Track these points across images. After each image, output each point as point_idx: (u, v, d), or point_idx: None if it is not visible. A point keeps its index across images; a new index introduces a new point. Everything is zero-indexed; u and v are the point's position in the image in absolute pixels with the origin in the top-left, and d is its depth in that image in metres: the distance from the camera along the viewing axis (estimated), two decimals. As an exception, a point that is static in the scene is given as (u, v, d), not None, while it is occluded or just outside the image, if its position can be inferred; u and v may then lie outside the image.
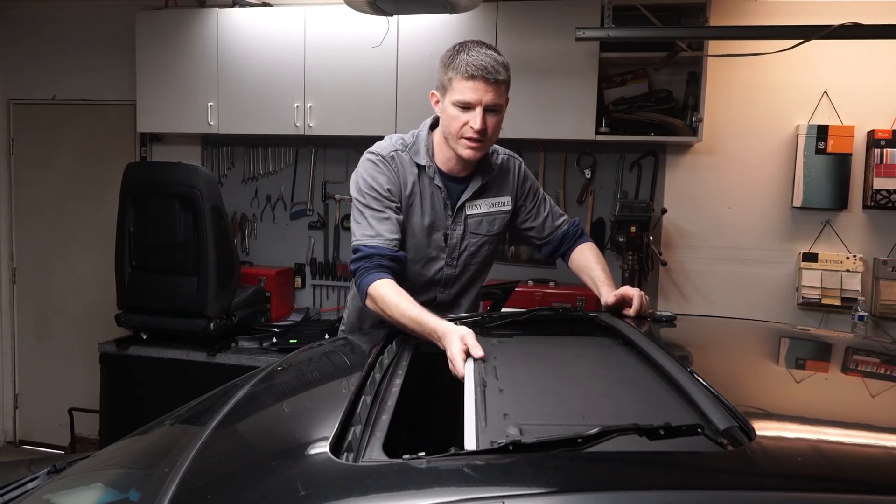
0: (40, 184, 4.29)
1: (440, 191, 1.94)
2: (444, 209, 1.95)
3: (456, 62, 1.78)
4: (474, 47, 1.79)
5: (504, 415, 1.08)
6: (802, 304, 3.41)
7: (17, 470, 1.63)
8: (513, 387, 1.25)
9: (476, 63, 1.75)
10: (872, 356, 1.72)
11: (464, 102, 1.78)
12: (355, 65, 3.47)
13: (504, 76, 1.79)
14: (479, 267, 2.07)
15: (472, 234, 2.00)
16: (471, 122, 1.78)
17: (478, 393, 1.19)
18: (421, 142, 1.94)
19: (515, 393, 1.22)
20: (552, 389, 1.29)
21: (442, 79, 1.83)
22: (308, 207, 3.96)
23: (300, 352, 1.83)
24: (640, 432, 0.93)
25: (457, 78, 1.77)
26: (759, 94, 3.42)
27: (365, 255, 1.83)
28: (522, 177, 2.08)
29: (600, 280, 1.95)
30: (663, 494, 0.83)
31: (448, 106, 1.82)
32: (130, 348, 3.34)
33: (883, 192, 3.25)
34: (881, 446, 1.05)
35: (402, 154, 1.92)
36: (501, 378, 1.29)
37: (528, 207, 2.10)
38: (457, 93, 1.78)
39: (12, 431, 4.44)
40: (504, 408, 1.12)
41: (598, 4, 3.11)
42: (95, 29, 4.09)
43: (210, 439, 1.15)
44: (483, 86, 1.76)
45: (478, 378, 1.27)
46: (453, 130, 1.82)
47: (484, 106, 1.78)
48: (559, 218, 2.15)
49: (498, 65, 1.77)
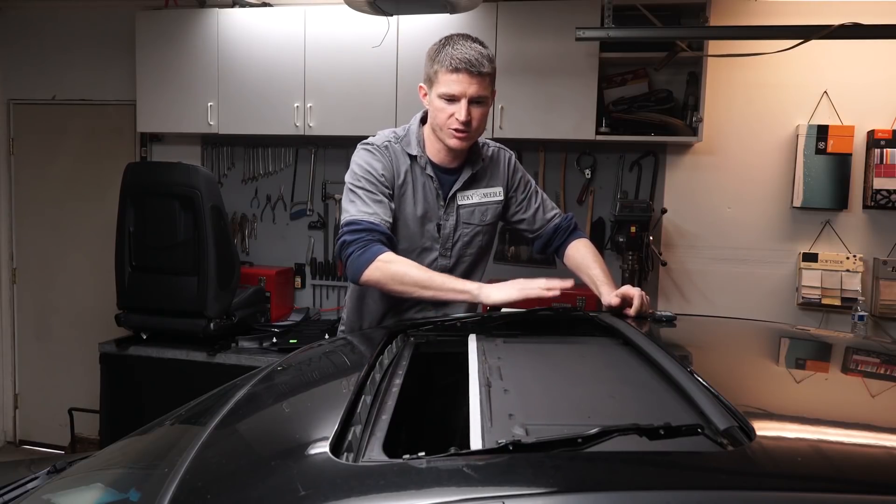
0: (40, 184, 4.30)
1: (432, 181, 1.97)
2: (436, 199, 1.98)
3: (441, 55, 1.82)
4: (459, 41, 1.83)
5: (510, 415, 1.08)
6: (802, 304, 3.41)
7: (17, 470, 1.63)
8: (517, 387, 1.25)
9: (460, 56, 1.79)
10: (872, 356, 1.72)
11: (449, 95, 1.83)
12: (355, 65, 3.47)
13: (488, 69, 1.83)
14: (474, 259, 2.08)
15: (464, 223, 2.02)
16: (456, 113, 1.83)
17: (483, 393, 1.19)
18: (412, 134, 1.98)
19: (520, 393, 1.22)
20: (557, 390, 1.29)
21: (428, 72, 1.87)
22: (308, 207, 3.97)
23: (300, 352, 1.83)
24: (640, 432, 0.93)
25: (442, 71, 1.82)
26: (759, 94, 3.42)
27: (364, 228, 1.84)
28: (513, 168, 2.10)
29: (600, 280, 1.96)
30: (663, 494, 0.83)
31: (434, 98, 1.86)
32: (130, 348, 3.34)
33: (883, 192, 3.25)
34: (881, 446, 1.05)
35: (395, 145, 1.96)
36: (506, 378, 1.29)
37: (518, 199, 2.11)
38: (442, 85, 1.83)
39: (12, 431, 4.44)
40: (509, 408, 1.12)
41: (598, 4, 3.11)
42: (95, 29, 4.09)
43: (210, 439, 1.15)
44: (467, 78, 1.80)
45: (483, 378, 1.27)
46: (440, 122, 1.87)
47: (468, 98, 1.82)
48: (551, 211, 2.16)
49: (482, 57, 1.81)
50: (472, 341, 1.51)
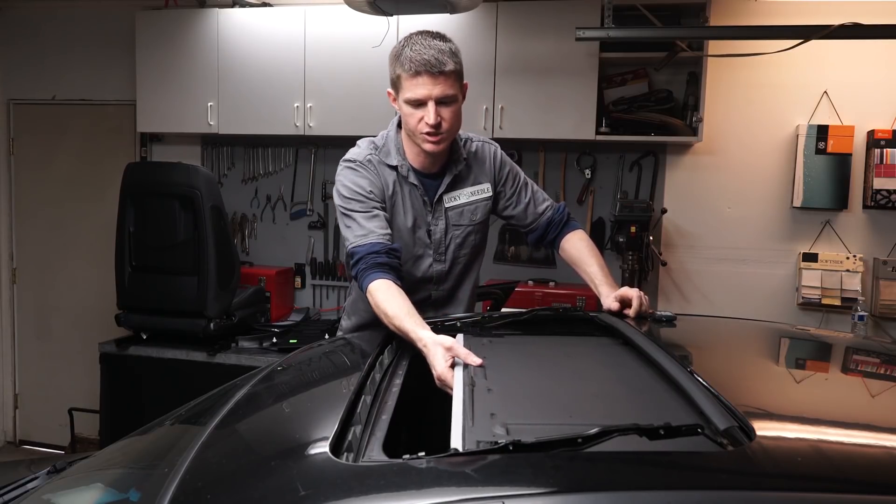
0: (40, 184, 4.29)
1: (416, 188, 1.92)
2: (423, 206, 1.94)
3: (401, 59, 1.75)
4: (418, 40, 1.74)
5: (491, 414, 1.08)
6: (802, 304, 3.41)
7: (17, 470, 1.63)
8: (502, 387, 1.25)
9: (418, 58, 1.71)
10: (872, 356, 1.72)
11: (414, 100, 1.75)
12: (355, 65, 3.47)
13: (451, 66, 1.73)
14: (469, 259, 2.04)
15: (454, 226, 1.97)
16: (425, 117, 1.76)
17: (466, 393, 1.19)
18: (391, 142, 1.92)
19: (504, 393, 1.22)
20: (541, 389, 1.29)
21: (392, 77, 1.80)
22: (308, 207, 3.96)
23: (300, 352, 1.83)
24: (640, 432, 0.93)
25: (404, 76, 1.75)
26: (759, 94, 3.42)
27: (361, 257, 1.78)
28: (500, 162, 2.03)
29: (598, 279, 1.92)
30: (663, 494, 0.83)
31: (402, 104, 1.80)
32: (130, 348, 3.33)
33: (883, 192, 3.25)
34: (881, 446, 1.05)
35: (376, 157, 1.90)
36: (490, 378, 1.29)
37: (507, 193, 2.04)
38: (406, 90, 1.76)
39: (12, 431, 4.44)
40: (492, 407, 1.12)
41: (598, 4, 3.11)
42: (95, 29, 4.09)
43: (210, 439, 1.15)
44: (430, 80, 1.72)
45: (466, 378, 1.27)
46: (411, 127, 1.81)
47: (434, 99, 1.74)
48: (542, 204, 2.08)
49: (442, 55, 1.72)
50: (460, 340, 1.51)
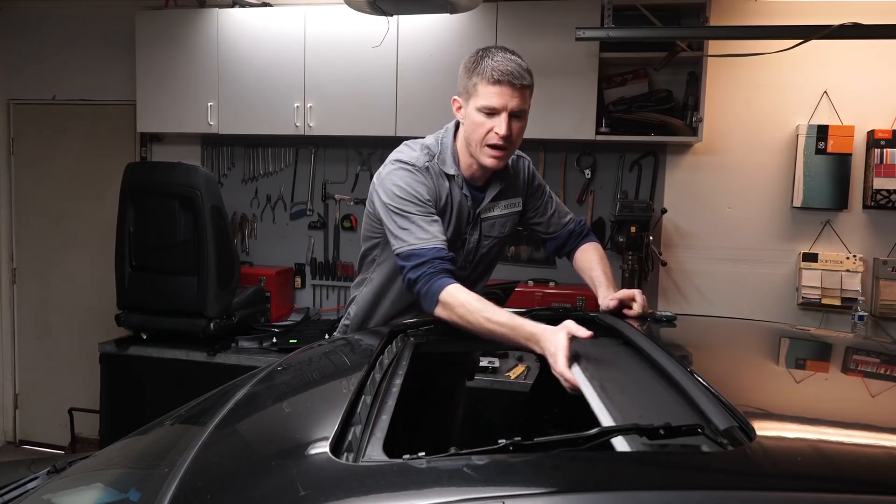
0: (40, 184, 4.29)
1: (467, 199, 1.92)
2: (466, 217, 1.94)
3: (481, 67, 1.76)
4: (499, 52, 1.78)
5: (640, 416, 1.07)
6: (802, 304, 3.41)
7: (17, 470, 1.63)
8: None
9: (502, 68, 1.74)
10: (872, 356, 1.72)
11: (489, 108, 1.76)
12: (355, 65, 3.46)
13: (529, 81, 1.78)
14: (486, 266, 2.07)
15: (485, 236, 1.98)
16: (496, 127, 1.76)
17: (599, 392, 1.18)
18: (447, 150, 1.90)
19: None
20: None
21: (466, 84, 1.80)
22: (308, 207, 3.96)
23: (300, 352, 1.83)
24: (640, 432, 0.94)
25: (482, 83, 1.75)
26: (759, 94, 3.42)
27: (426, 260, 1.71)
28: (531, 176, 2.07)
29: (599, 281, 1.94)
30: (663, 494, 0.83)
31: (472, 111, 1.79)
32: (130, 348, 3.34)
33: (883, 192, 3.25)
34: (881, 446, 1.05)
35: (434, 165, 1.88)
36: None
37: (535, 205, 2.09)
38: (482, 98, 1.76)
39: (12, 431, 4.44)
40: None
41: (598, 4, 3.11)
42: (95, 29, 4.09)
43: (210, 439, 1.15)
44: (509, 91, 1.74)
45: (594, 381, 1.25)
46: (477, 137, 1.80)
47: (509, 111, 1.76)
48: (566, 216, 2.14)
49: (523, 70, 1.77)
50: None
